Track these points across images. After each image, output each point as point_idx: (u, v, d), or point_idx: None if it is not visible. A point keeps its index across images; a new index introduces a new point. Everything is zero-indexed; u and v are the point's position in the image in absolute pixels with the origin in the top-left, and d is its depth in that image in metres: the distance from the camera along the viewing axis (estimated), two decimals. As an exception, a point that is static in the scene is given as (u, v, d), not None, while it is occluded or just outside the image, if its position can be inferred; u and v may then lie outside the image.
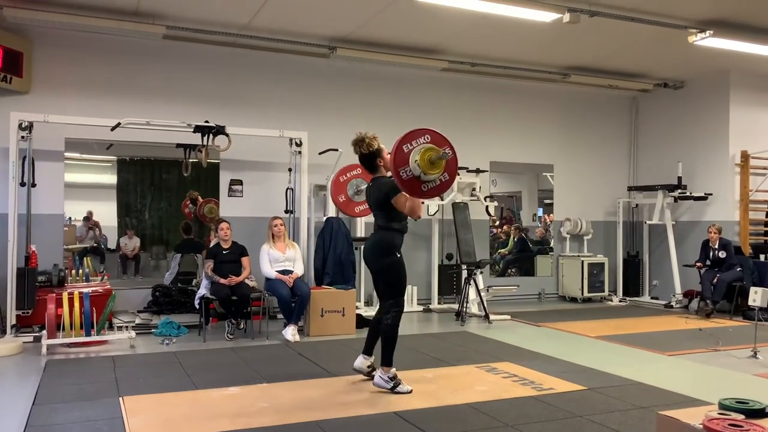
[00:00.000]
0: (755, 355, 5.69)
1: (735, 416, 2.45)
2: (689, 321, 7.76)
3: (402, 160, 4.16)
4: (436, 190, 4.33)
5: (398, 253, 4.51)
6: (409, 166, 4.16)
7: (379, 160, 4.56)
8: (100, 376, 4.90)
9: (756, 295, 5.81)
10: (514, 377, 4.91)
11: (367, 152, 4.53)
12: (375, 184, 4.59)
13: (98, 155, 8.08)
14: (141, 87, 7.54)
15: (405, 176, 4.17)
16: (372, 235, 4.67)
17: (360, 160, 4.63)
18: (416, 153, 4.16)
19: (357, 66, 8.44)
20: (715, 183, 9.17)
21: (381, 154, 4.56)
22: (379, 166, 4.57)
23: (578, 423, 3.83)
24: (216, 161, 7.78)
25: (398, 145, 4.18)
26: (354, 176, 7.48)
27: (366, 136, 4.52)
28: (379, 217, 4.55)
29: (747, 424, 2.37)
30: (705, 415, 2.47)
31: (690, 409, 2.80)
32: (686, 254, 9.17)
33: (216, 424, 3.77)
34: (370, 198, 4.64)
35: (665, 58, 8.57)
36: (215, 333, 6.69)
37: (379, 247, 4.51)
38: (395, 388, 4.40)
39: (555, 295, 9.94)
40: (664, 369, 5.35)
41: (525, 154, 9.76)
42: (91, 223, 8.54)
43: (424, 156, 4.14)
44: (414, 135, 4.24)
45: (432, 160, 4.15)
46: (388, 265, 4.49)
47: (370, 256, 4.58)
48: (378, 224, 4.57)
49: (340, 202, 6.96)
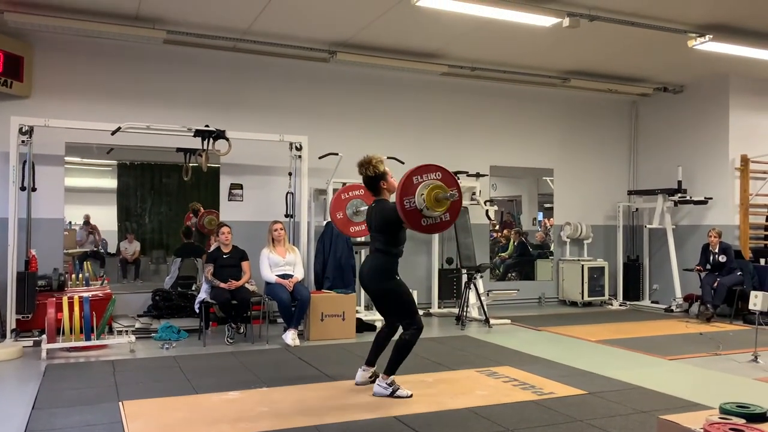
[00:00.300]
0: (756, 360, 5.68)
1: (736, 420, 2.45)
2: (690, 325, 7.76)
3: (409, 190, 4.22)
4: (434, 228, 4.39)
5: (397, 275, 4.51)
6: (415, 198, 4.22)
7: (383, 183, 4.55)
8: (99, 381, 4.89)
9: (756, 299, 5.80)
10: (514, 381, 4.90)
11: (373, 175, 4.51)
12: (378, 207, 4.56)
13: (99, 159, 8.08)
14: (141, 91, 7.55)
15: (408, 206, 4.22)
16: (369, 257, 4.66)
17: (364, 182, 4.62)
18: (424, 187, 4.22)
19: (357, 70, 8.46)
20: (715, 187, 9.17)
21: (386, 177, 4.55)
22: (383, 188, 4.56)
23: (579, 427, 3.82)
24: (216, 165, 7.79)
25: (408, 175, 4.24)
26: (355, 196, 7.39)
27: (373, 158, 4.51)
28: (378, 240, 4.53)
29: (748, 428, 2.37)
30: (706, 419, 2.47)
31: (691, 414, 2.80)
32: (686, 258, 9.16)
33: (216, 428, 3.77)
34: (372, 219, 4.60)
35: (665, 63, 8.58)
36: (215, 337, 6.68)
37: (379, 273, 4.50)
38: (394, 393, 4.39)
39: (555, 299, 9.93)
40: (664, 373, 5.34)
41: (525, 158, 9.77)
42: (90, 227, 8.54)
43: (431, 192, 4.20)
44: (426, 169, 4.30)
45: (438, 198, 4.21)
46: (390, 290, 4.49)
47: (369, 280, 4.54)
48: (376, 247, 4.55)
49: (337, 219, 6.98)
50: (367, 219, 4.72)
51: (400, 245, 4.52)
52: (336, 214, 7.12)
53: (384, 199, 4.58)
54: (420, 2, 6.01)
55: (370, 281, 4.54)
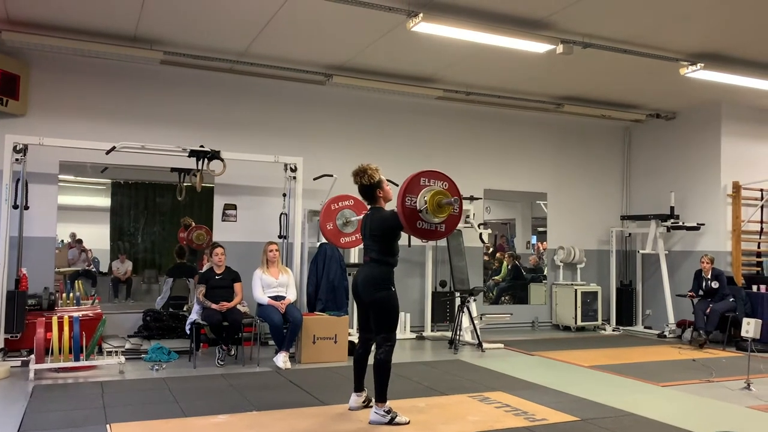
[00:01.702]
0: (748, 387, 5.66)
1: (728, 451, 2.43)
2: (682, 351, 7.74)
3: (414, 189, 4.28)
4: (426, 233, 4.41)
5: (392, 286, 4.48)
6: (417, 197, 4.27)
7: (379, 191, 4.56)
8: (87, 403, 4.83)
9: (749, 326, 5.81)
10: (506, 407, 4.87)
11: (368, 184, 4.53)
12: (376, 215, 4.56)
13: (93, 178, 8.07)
14: (137, 111, 7.57)
15: (408, 204, 4.25)
16: (364, 267, 4.62)
17: (360, 191, 4.63)
18: (428, 191, 4.28)
19: (353, 93, 8.51)
20: (707, 213, 9.22)
21: (381, 185, 4.56)
22: (379, 197, 4.57)
23: (571, 455, 3.78)
24: (210, 185, 7.78)
25: (417, 175, 4.32)
26: (345, 206, 7.41)
27: (368, 167, 4.53)
28: (373, 250, 4.51)
29: (740, 459, 2.35)
30: (698, 449, 2.45)
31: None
32: (679, 284, 9.18)
33: (204, 453, 3.71)
34: (367, 228, 4.59)
35: (657, 90, 8.67)
36: (206, 359, 6.62)
37: (375, 281, 4.46)
38: (392, 420, 4.34)
39: (548, 323, 9.90)
40: (657, 400, 5.31)
41: (519, 182, 9.81)
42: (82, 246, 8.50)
43: (434, 197, 4.25)
44: (435, 176, 4.40)
45: (440, 203, 4.26)
46: (383, 299, 4.44)
47: (363, 289, 4.51)
48: (371, 257, 4.53)
49: (327, 230, 6.99)
50: (363, 227, 4.69)
51: (395, 255, 4.52)
52: (326, 224, 7.14)
53: (380, 207, 4.58)
54: (415, 28, 6.07)
55: (364, 290, 4.51)
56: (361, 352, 4.71)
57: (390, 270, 4.49)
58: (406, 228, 4.30)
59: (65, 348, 5.73)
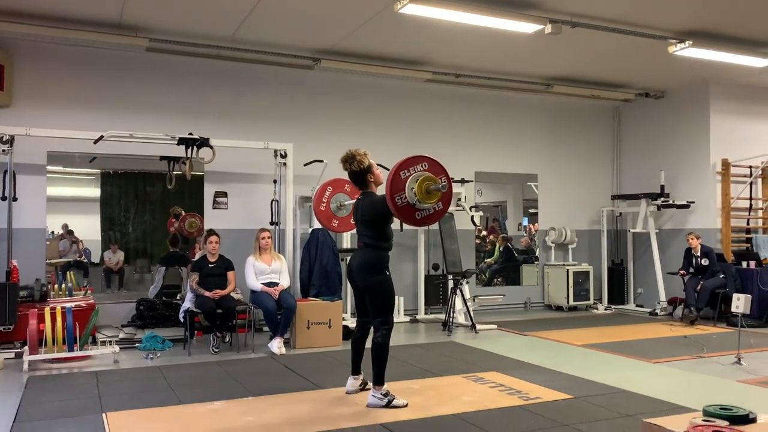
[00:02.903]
0: (739, 362, 5.73)
1: (719, 423, 2.47)
2: (674, 328, 7.81)
3: (398, 186, 4.19)
4: (429, 219, 4.38)
5: (387, 270, 4.49)
6: (405, 193, 4.19)
7: (369, 176, 4.54)
8: (82, 392, 4.83)
9: (739, 301, 5.86)
10: (500, 387, 4.91)
11: (358, 169, 4.49)
12: (367, 200, 4.54)
13: (81, 168, 8.02)
14: (124, 99, 7.50)
15: (400, 203, 4.20)
16: (358, 252, 4.62)
17: (350, 177, 4.61)
18: (413, 181, 4.19)
19: (342, 77, 8.47)
20: (697, 191, 9.27)
21: (371, 170, 4.54)
22: (370, 182, 4.56)
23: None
24: (200, 173, 7.74)
25: (395, 171, 4.21)
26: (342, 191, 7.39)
27: (357, 153, 4.49)
28: (366, 235, 4.51)
29: (731, 430, 2.38)
30: (690, 422, 2.48)
31: (675, 417, 2.81)
32: (670, 262, 9.24)
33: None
34: (359, 213, 4.58)
35: (646, 69, 8.67)
36: (200, 347, 6.62)
37: (369, 266, 4.46)
38: (390, 403, 4.35)
39: (541, 304, 9.97)
40: (649, 377, 5.37)
41: (509, 163, 9.82)
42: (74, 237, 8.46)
43: (422, 185, 4.18)
44: (412, 162, 4.26)
45: (429, 189, 4.19)
46: (378, 283, 4.45)
47: (358, 274, 4.50)
48: (364, 242, 4.52)
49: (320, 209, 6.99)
50: (355, 212, 4.69)
51: (389, 240, 4.52)
52: (319, 205, 7.14)
53: (371, 191, 4.57)
54: (403, 9, 6.03)
55: (358, 274, 4.50)
56: (359, 335, 4.72)
57: (384, 254, 4.49)
58: (409, 224, 4.32)
59: (59, 339, 5.72)
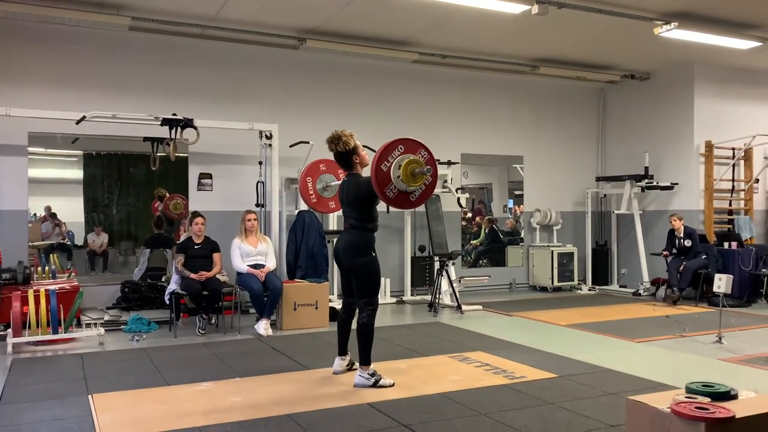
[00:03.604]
0: (720, 341, 5.83)
1: (701, 399, 2.50)
2: (657, 308, 7.91)
3: (384, 179, 4.17)
4: (424, 196, 4.38)
5: (373, 252, 4.49)
6: (393, 183, 4.18)
7: (355, 158, 4.51)
8: (68, 375, 4.81)
9: (720, 281, 5.94)
10: (486, 366, 4.95)
11: (344, 150, 4.46)
12: (353, 181, 4.51)
13: (63, 150, 7.91)
14: (107, 79, 7.38)
15: (392, 195, 4.20)
16: (344, 234, 4.61)
17: (336, 158, 4.57)
18: (396, 168, 4.16)
19: (327, 57, 8.39)
20: (680, 173, 9.34)
21: (357, 151, 4.51)
22: (356, 163, 4.53)
23: (549, 410, 3.87)
24: (185, 155, 7.67)
25: (376, 166, 4.16)
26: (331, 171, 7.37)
27: (342, 134, 4.45)
28: (352, 217, 4.50)
29: (713, 406, 2.42)
30: (673, 399, 2.52)
31: (658, 394, 2.85)
32: (653, 243, 9.33)
33: (188, 420, 3.73)
34: (344, 195, 4.56)
35: (631, 50, 8.69)
36: (186, 329, 6.61)
37: (355, 247, 4.46)
38: (377, 383, 4.38)
39: (526, 284, 10.04)
40: (632, 355, 5.45)
41: (495, 145, 9.82)
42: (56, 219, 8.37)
43: (406, 170, 4.16)
44: (388, 150, 4.21)
45: (414, 172, 4.18)
46: (364, 265, 4.45)
47: (344, 255, 4.51)
48: (350, 224, 4.51)
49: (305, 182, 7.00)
50: (340, 194, 4.68)
51: (375, 221, 4.51)
52: (306, 178, 7.14)
53: (357, 173, 4.55)
54: (389, -11, 5.97)
55: (344, 255, 4.51)
56: (345, 316, 4.74)
57: (370, 236, 4.49)
58: (378, 195, 4.25)
59: (43, 321, 5.68)
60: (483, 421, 3.69)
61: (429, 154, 4.33)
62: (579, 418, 3.72)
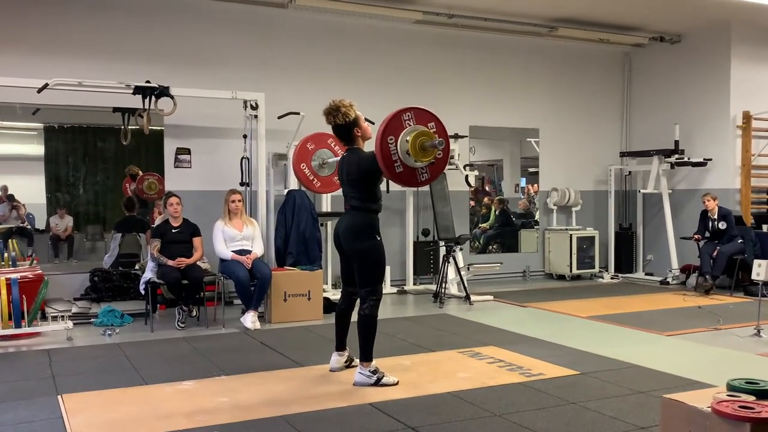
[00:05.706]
0: (758, 333, 5.86)
1: (745, 398, 2.51)
2: (687, 298, 7.95)
3: (396, 128, 4.15)
4: (434, 173, 4.38)
5: (378, 235, 4.48)
6: (401, 158, 4.17)
7: (356, 130, 4.47)
8: (34, 373, 4.82)
9: (760, 268, 5.93)
10: (499, 362, 4.97)
11: (343, 123, 4.42)
12: (353, 157, 4.49)
13: (22, 122, 7.87)
14: (72, 43, 7.32)
15: (399, 170, 4.19)
16: (345, 215, 4.60)
17: (334, 131, 4.55)
18: (404, 142, 4.15)
19: (320, 17, 8.33)
20: (714, 147, 9.33)
21: (358, 123, 4.47)
22: (357, 136, 4.50)
23: (572, 411, 3.90)
24: (160, 128, 7.63)
25: (400, 112, 4.16)
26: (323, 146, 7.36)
27: (341, 104, 4.41)
28: (354, 197, 4.48)
29: (758, 405, 2.43)
30: (713, 397, 2.53)
31: (696, 392, 2.87)
32: (684, 225, 9.35)
33: (170, 422, 3.74)
34: (344, 172, 4.54)
35: (661, 8, 8.63)
36: (164, 322, 6.62)
37: (358, 230, 4.45)
38: (379, 381, 4.39)
39: (541, 272, 10.07)
40: (662, 350, 5.48)
41: (507, 117, 9.80)
42: (15, 201, 8.34)
43: (418, 138, 4.15)
44: (395, 120, 4.19)
45: (424, 145, 4.17)
46: (368, 250, 4.44)
47: (345, 239, 4.50)
48: (352, 204, 4.50)
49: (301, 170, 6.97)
50: (339, 171, 4.66)
51: (378, 201, 4.51)
52: (300, 164, 7.12)
53: (358, 147, 4.53)
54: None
55: (346, 240, 4.50)
56: (344, 307, 4.74)
57: (373, 217, 4.48)
58: (384, 171, 4.25)
59: (4, 314, 5.68)
60: (499, 423, 3.72)
61: (440, 125, 4.31)
62: (605, 420, 3.74)
